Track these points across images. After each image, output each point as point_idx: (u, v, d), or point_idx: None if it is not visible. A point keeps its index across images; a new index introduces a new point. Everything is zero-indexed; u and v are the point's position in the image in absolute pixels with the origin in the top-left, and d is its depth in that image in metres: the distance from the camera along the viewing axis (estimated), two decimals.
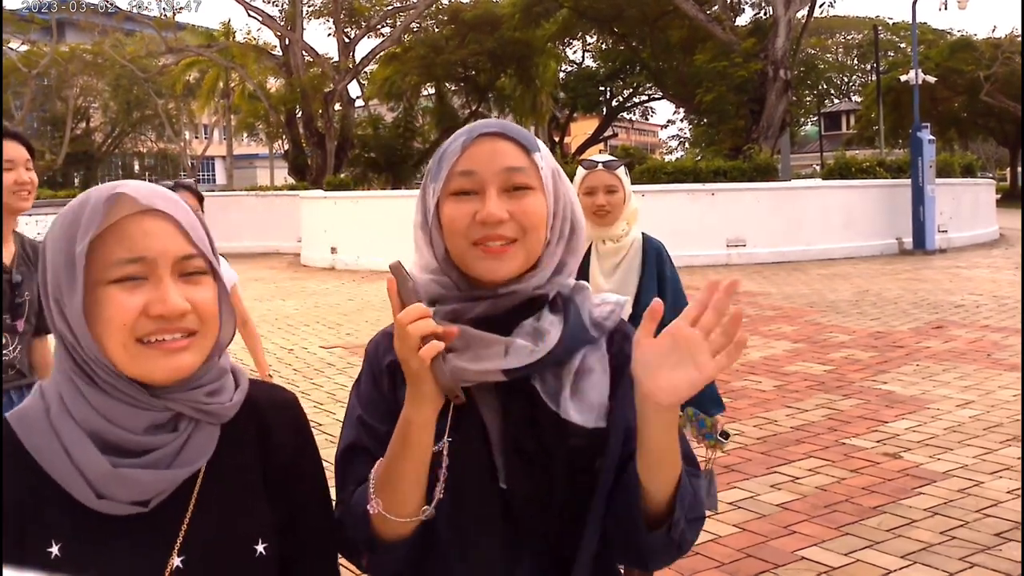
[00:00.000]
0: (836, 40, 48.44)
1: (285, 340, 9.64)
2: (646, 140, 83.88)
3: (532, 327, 1.20)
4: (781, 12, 20.10)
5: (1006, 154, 52.47)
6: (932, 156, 17.51)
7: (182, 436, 1.08)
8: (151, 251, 1.05)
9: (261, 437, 1.17)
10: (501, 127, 1.23)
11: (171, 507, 1.08)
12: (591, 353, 1.23)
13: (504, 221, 1.18)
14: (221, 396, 1.11)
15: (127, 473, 1.03)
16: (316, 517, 1.21)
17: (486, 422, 1.22)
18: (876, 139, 31.13)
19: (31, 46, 33.83)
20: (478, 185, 1.20)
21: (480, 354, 1.18)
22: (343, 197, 18.67)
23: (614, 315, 1.27)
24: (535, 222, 1.20)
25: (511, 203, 1.19)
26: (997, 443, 5.29)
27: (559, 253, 1.23)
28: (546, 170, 1.22)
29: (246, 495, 1.13)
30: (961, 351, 7.95)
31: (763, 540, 4.00)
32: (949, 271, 14.32)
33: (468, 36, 29.29)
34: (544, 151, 1.24)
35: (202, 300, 1.08)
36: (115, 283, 1.04)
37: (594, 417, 1.19)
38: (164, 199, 1.08)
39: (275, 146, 38.68)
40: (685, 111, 33.49)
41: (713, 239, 16.13)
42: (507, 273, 1.20)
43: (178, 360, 1.05)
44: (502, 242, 1.18)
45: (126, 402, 1.05)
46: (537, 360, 1.18)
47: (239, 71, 29.55)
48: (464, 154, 1.21)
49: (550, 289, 1.23)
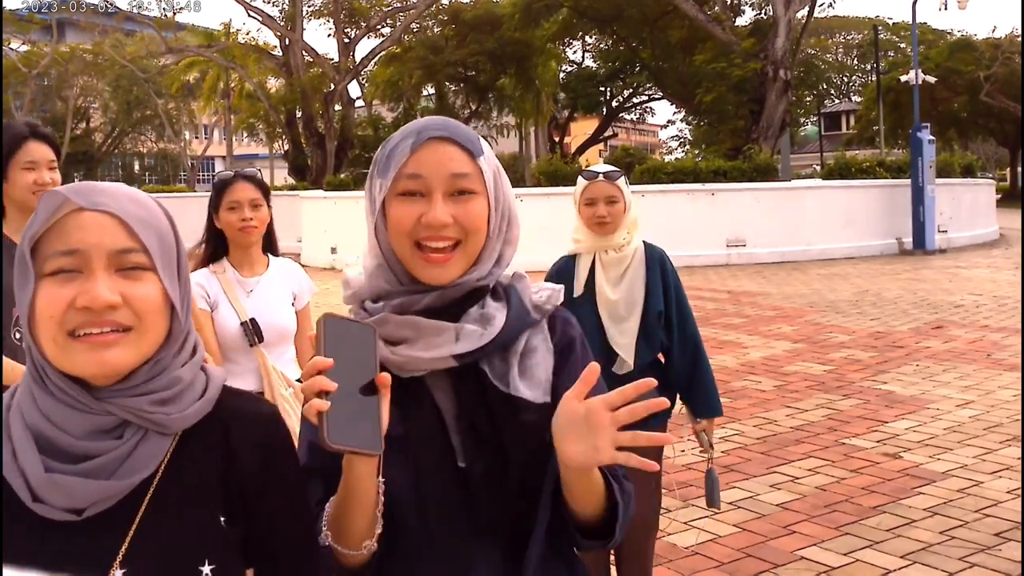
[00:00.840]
0: (836, 40, 48.44)
1: None
2: (646, 140, 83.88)
3: (479, 313, 1.27)
4: (781, 12, 20.10)
5: (1006, 154, 52.48)
6: (932, 156, 17.51)
7: (127, 444, 1.04)
8: (83, 243, 1.03)
9: (224, 450, 1.12)
10: (449, 131, 1.26)
11: (117, 515, 1.04)
12: (535, 334, 1.31)
13: (448, 225, 1.24)
14: (170, 406, 1.07)
15: (59, 479, 1.01)
16: (287, 536, 1.16)
17: (440, 406, 1.27)
18: (876, 139, 31.14)
19: (31, 46, 33.83)
20: (425, 188, 1.24)
21: (432, 342, 1.24)
22: (343, 197, 18.67)
23: (552, 299, 1.34)
24: (477, 225, 1.26)
25: (455, 207, 1.24)
26: (997, 443, 5.29)
27: (498, 247, 1.31)
28: (488, 173, 1.27)
29: (198, 512, 1.09)
30: (961, 351, 7.95)
31: (763, 540, 4.00)
32: (949, 271, 14.32)
33: (468, 36, 29.30)
34: (488, 153, 1.29)
35: (139, 296, 1.04)
36: (49, 276, 1.03)
37: (541, 392, 1.27)
38: (109, 195, 1.06)
39: (275, 146, 38.67)
40: (685, 111, 33.52)
41: (713, 239, 16.14)
42: (449, 279, 1.26)
43: (105, 355, 1.02)
44: (445, 243, 1.24)
45: (68, 404, 1.04)
46: (486, 343, 1.24)
47: (239, 71, 29.55)
48: (412, 156, 1.24)
49: (491, 280, 1.31)
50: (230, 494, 1.12)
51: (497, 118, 36.33)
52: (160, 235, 1.09)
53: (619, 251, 2.97)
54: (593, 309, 2.95)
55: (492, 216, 1.28)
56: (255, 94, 29.47)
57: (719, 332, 9.20)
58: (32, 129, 2.78)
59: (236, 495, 1.12)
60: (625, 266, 2.97)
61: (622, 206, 2.94)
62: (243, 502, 1.12)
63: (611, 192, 2.93)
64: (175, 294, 1.08)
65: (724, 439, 5.48)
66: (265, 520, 1.14)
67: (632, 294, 2.95)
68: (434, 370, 1.26)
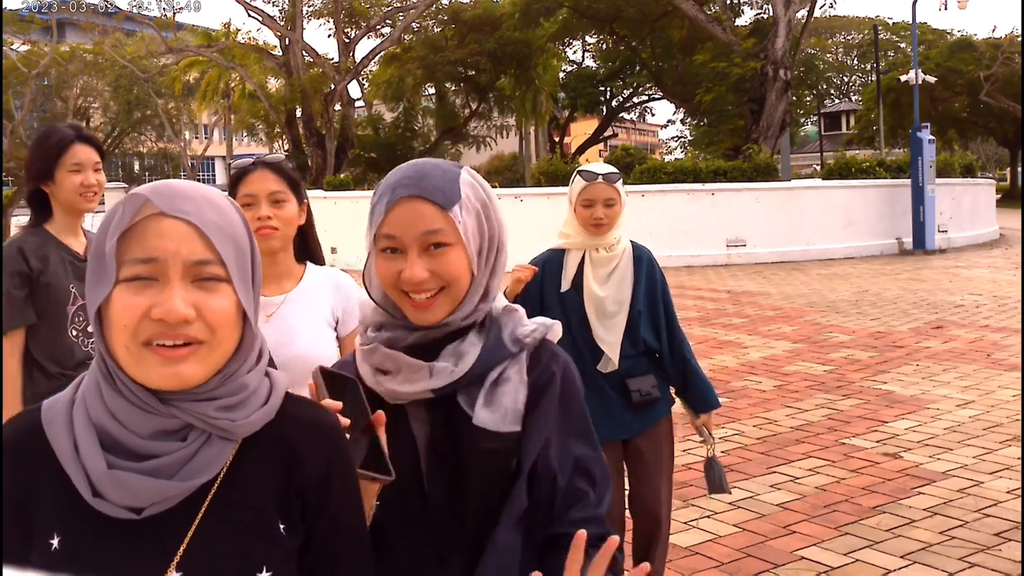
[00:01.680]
0: (836, 40, 48.47)
1: None
2: (646, 140, 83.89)
3: (454, 350, 1.34)
4: (781, 12, 20.10)
5: (1006, 154, 52.47)
6: (932, 156, 17.51)
7: (190, 447, 1.05)
8: (162, 252, 1.02)
9: (286, 459, 1.12)
10: (418, 188, 1.31)
11: (176, 518, 1.04)
12: (511, 366, 1.36)
13: (424, 280, 1.30)
14: (235, 412, 1.07)
15: (121, 476, 1.01)
16: (343, 547, 1.17)
17: (415, 434, 1.37)
18: (876, 139, 31.13)
19: (31, 46, 33.83)
20: (401, 246, 1.32)
21: (410, 377, 1.33)
22: (343, 197, 18.68)
23: (536, 334, 1.39)
24: (456, 275, 1.32)
25: (432, 261, 1.31)
26: (997, 443, 5.29)
27: (483, 282, 1.36)
28: (462, 222, 1.31)
29: (257, 519, 1.09)
30: (961, 351, 7.95)
31: (763, 540, 4.00)
32: (949, 271, 14.32)
33: (468, 36, 29.29)
34: (463, 198, 1.32)
35: (214, 309, 1.04)
36: (125, 283, 1.02)
37: (508, 421, 1.33)
38: (191, 201, 1.05)
39: (275, 146, 38.67)
40: (685, 111, 33.50)
41: (713, 239, 16.14)
42: (435, 319, 1.33)
43: (176, 369, 1.02)
44: (427, 295, 1.31)
45: (136, 404, 1.04)
46: (458, 378, 1.32)
47: (239, 71, 29.55)
48: (387, 217, 1.32)
49: (477, 316, 1.37)
50: (291, 503, 1.11)
51: (497, 118, 36.32)
52: (237, 244, 1.08)
53: (610, 250, 2.98)
54: (580, 305, 2.97)
55: (472, 260, 1.33)
56: (255, 94, 29.46)
57: (719, 332, 9.20)
58: (77, 132, 2.84)
59: (297, 504, 1.12)
60: (614, 265, 2.98)
61: (619, 208, 2.95)
62: (304, 511, 1.13)
63: (610, 194, 2.92)
64: (249, 305, 1.08)
65: (724, 439, 5.48)
66: (326, 529, 1.15)
67: (621, 292, 2.97)
68: (414, 400, 1.35)
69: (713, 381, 3.30)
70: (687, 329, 3.23)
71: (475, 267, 1.34)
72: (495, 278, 1.39)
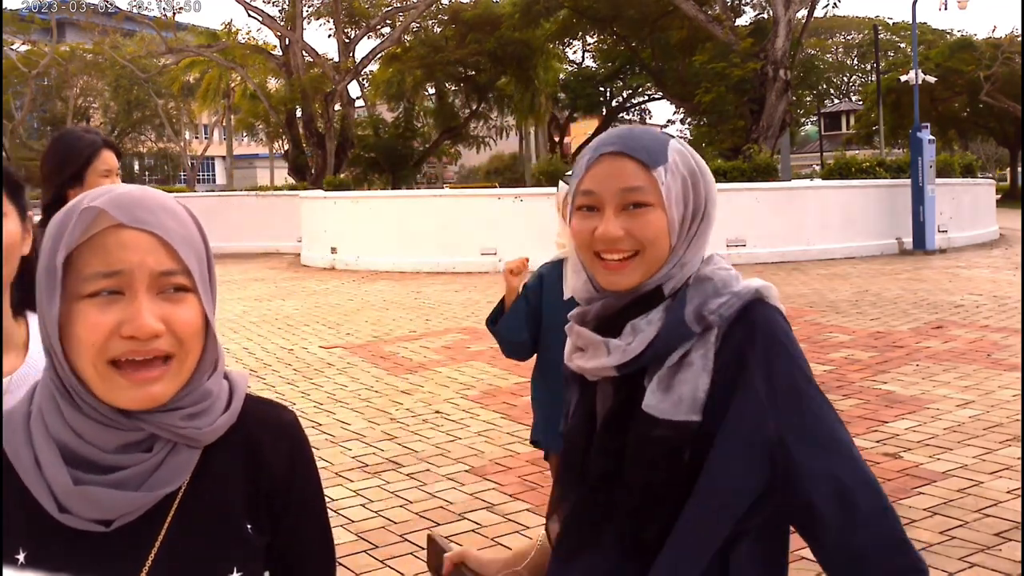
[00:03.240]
0: (836, 40, 48.47)
1: (285, 340, 9.64)
2: None
3: (632, 326, 1.27)
4: (781, 12, 20.11)
5: (1006, 154, 52.48)
6: (932, 156, 17.51)
7: (156, 457, 1.03)
8: (127, 264, 0.99)
9: (250, 460, 1.11)
10: (623, 144, 1.27)
11: (143, 528, 1.04)
12: (696, 348, 1.24)
13: (619, 238, 1.25)
14: (200, 420, 1.06)
15: (89, 491, 1.00)
16: (310, 545, 1.18)
17: (597, 410, 1.32)
18: (876, 139, 31.13)
19: (31, 46, 33.83)
20: (598, 203, 1.27)
21: (592, 353, 1.30)
22: (343, 197, 18.67)
23: (725, 309, 1.25)
24: (652, 237, 1.25)
25: (629, 221, 1.25)
26: (997, 443, 5.30)
27: (680, 252, 1.29)
28: (667, 185, 1.26)
29: (225, 521, 1.08)
30: (961, 351, 7.95)
31: None
32: (949, 271, 14.32)
33: (468, 36, 29.31)
34: (670, 162, 1.27)
35: (181, 320, 1.02)
36: (89, 298, 0.99)
37: (682, 410, 1.22)
38: (149, 211, 1.02)
39: (275, 146, 38.68)
40: (685, 111, 33.50)
41: (713, 239, 15.93)
42: (627, 284, 1.27)
43: (147, 391, 1.00)
44: (620, 256, 1.26)
45: (98, 420, 1.02)
46: (637, 356, 1.25)
47: (239, 71, 29.56)
48: (587, 173, 1.28)
49: (670, 284, 1.28)
50: (257, 502, 1.11)
51: (497, 118, 36.34)
52: (197, 252, 1.06)
53: None
54: None
55: (673, 226, 1.27)
56: (255, 94, 29.47)
57: None
58: (103, 138, 2.90)
59: (263, 503, 1.12)
60: None
61: None
62: (270, 509, 1.13)
63: None
64: (211, 313, 1.07)
65: None
66: (292, 525, 1.15)
67: None
68: (603, 376, 1.30)
69: None
70: None
71: (673, 234, 1.27)
72: (694, 251, 1.30)
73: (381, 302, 12.50)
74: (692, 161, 1.30)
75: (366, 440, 5.79)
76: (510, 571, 1.46)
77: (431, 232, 16.12)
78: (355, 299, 12.97)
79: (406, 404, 6.69)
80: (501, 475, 5.03)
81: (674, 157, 1.27)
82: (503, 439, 5.71)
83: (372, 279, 15.37)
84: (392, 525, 4.33)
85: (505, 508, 4.53)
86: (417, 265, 16.04)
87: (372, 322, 10.67)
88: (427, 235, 16.12)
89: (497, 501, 4.63)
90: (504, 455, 5.39)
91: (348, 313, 11.55)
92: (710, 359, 1.23)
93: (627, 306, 1.28)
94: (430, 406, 6.60)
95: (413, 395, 6.97)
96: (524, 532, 4.20)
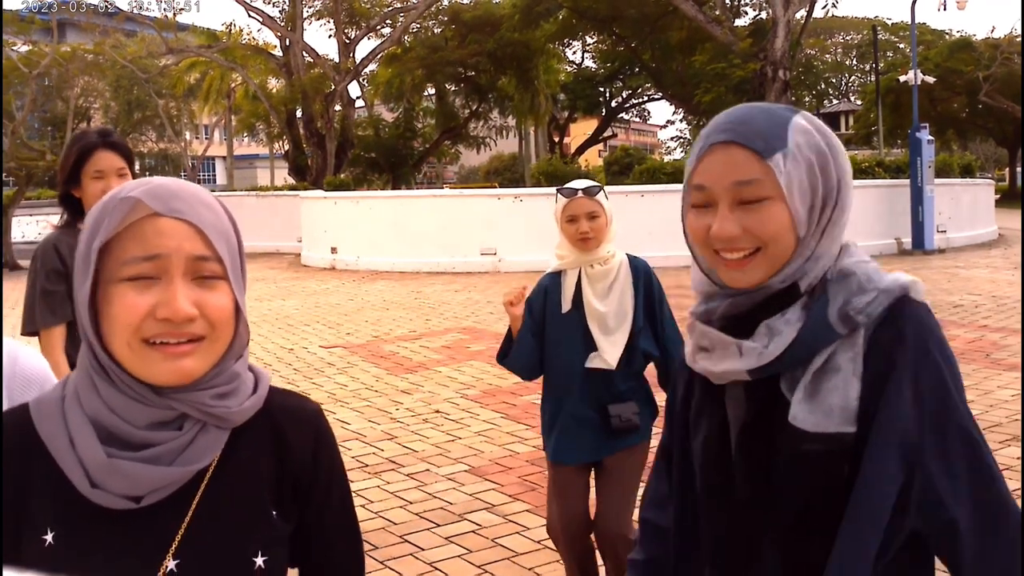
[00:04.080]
0: (835, 41, 48.49)
1: (285, 340, 9.65)
2: (645, 140, 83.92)
3: (767, 326, 1.15)
4: (780, 13, 20.12)
5: (1005, 154, 52.47)
6: (931, 156, 17.52)
7: (186, 436, 1.07)
8: (164, 248, 1.04)
9: (276, 445, 1.15)
10: (733, 131, 1.15)
11: (171, 508, 1.06)
12: (841, 351, 1.12)
13: (735, 237, 1.14)
14: (230, 400, 1.09)
15: (121, 464, 1.03)
16: (334, 532, 1.20)
17: (729, 417, 1.22)
18: (875, 139, 31.14)
19: (32, 46, 33.83)
20: (710, 199, 1.16)
21: (720, 355, 1.18)
22: (343, 197, 18.67)
23: (873, 307, 1.13)
24: (772, 233, 1.14)
25: (746, 217, 1.14)
26: (997, 443, 5.30)
27: (812, 245, 1.16)
28: (788, 173, 1.13)
29: (252, 504, 1.11)
30: (960, 351, 7.95)
31: None
32: (948, 271, 14.33)
33: (468, 36, 29.33)
34: (791, 146, 1.14)
35: (213, 306, 1.06)
36: (127, 281, 1.04)
37: (834, 421, 1.10)
38: (185, 201, 1.06)
39: (275, 146, 38.68)
40: (684, 112, 33.52)
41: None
42: (750, 282, 1.16)
43: (179, 365, 1.04)
44: (740, 254, 1.15)
45: (132, 397, 1.05)
46: (774, 360, 1.13)
47: (240, 72, 29.57)
48: (698, 166, 1.17)
49: (803, 282, 1.16)
50: (282, 488, 1.14)
51: (497, 119, 36.35)
52: (229, 242, 1.10)
53: (604, 264, 2.98)
54: (582, 323, 2.98)
55: (797, 218, 1.14)
56: (256, 94, 29.49)
57: None
58: (103, 138, 2.85)
59: (289, 489, 1.15)
60: (612, 279, 2.98)
61: (604, 220, 2.95)
62: (295, 496, 1.15)
63: (592, 208, 2.92)
64: (241, 300, 1.10)
65: None
66: (316, 513, 1.18)
67: (622, 306, 2.98)
68: (733, 380, 1.19)
69: None
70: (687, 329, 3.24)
71: (800, 226, 1.14)
72: (829, 242, 1.17)
73: (381, 302, 12.51)
74: (821, 140, 1.17)
75: (366, 440, 5.79)
76: None
77: (431, 232, 16.12)
78: (355, 299, 12.98)
79: (406, 404, 6.70)
80: (501, 475, 5.04)
81: (796, 139, 1.14)
82: (503, 439, 5.72)
83: (372, 279, 15.38)
84: (392, 526, 4.33)
85: (505, 508, 4.54)
86: (417, 265, 16.05)
87: (372, 322, 10.68)
88: (427, 235, 16.13)
89: (497, 501, 4.64)
90: (504, 455, 5.40)
91: (348, 313, 11.56)
92: (859, 363, 1.11)
93: (759, 304, 1.16)
94: (430, 406, 6.61)
95: (413, 395, 6.97)
96: (524, 533, 4.21)
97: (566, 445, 3.02)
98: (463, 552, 4.01)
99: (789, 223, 1.14)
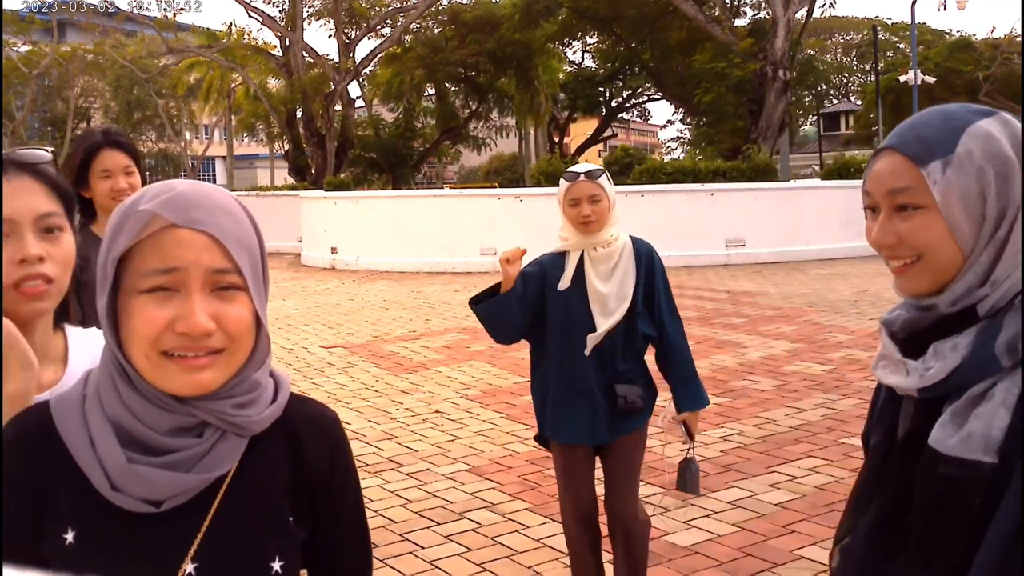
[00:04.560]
0: (835, 41, 48.51)
1: (285, 340, 9.66)
2: (645, 140, 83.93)
3: (935, 348, 1.13)
4: (780, 13, 20.13)
5: None
6: None
7: (206, 443, 1.07)
8: (182, 261, 1.03)
9: (293, 453, 1.15)
10: (897, 137, 1.16)
11: (190, 512, 1.07)
12: (1003, 381, 1.08)
13: (889, 245, 1.14)
14: (250, 409, 1.10)
15: (141, 470, 1.04)
16: (348, 539, 1.22)
17: (898, 428, 1.22)
18: (875, 139, 31.15)
19: (32, 46, 33.86)
20: (874, 205, 1.18)
21: (892, 369, 1.20)
22: (343, 197, 18.68)
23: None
24: (925, 245, 1.12)
25: (902, 224, 1.13)
26: None
27: (984, 262, 1.10)
28: (948, 181, 1.09)
29: (269, 510, 1.12)
30: None
31: (762, 539, 4.01)
32: None
33: (468, 36, 29.32)
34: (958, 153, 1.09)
35: (232, 318, 1.05)
36: (146, 293, 1.04)
37: (971, 448, 1.07)
38: (205, 211, 1.05)
39: (275, 146, 38.69)
40: (684, 112, 33.51)
41: (712, 239, 16.16)
42: (912, 291, 1.16)
43: (197, 378, 1.04)
44: (900, 262, 1.15)
45: (153, 403, 1.06)
46: (937, 383, 1.12)
47: (240, 72, 29.58)
48: (869, 171, 1.19)
49: (981, 304, 1.11)
50: (299, 495, 1.15)
51: (497, 119, 36.35)
52: (251, 251, 1.09)
53: (607, 247, 3.00)
54: (581, 301, 3.00)
55: (958, 231, 1.10)
56: (256, 94, 29.50)
57: (718, 332, 9.22)
58: (107, 137, 2.85)
59: (304, 496, 1.16)
60: (615, 261, 3.00)
61: (606, 203, 2.97)
62: (310, 503, 1.16)
63: (594, 191, 2.95)
64: (262, 311, 1.10)
65: (723, 439, 5.50)
66: (330, 520, 1.19)
67: (623, 288, 3.00)
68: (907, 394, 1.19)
69: (712, 381, 3.33)
70: (687, 329, 3.25)
71: (963, 239, 1.10)
72: (1009, 263, 1.10)
73: (381, 302, 12.52)
74: (1003, 148, 1.09)
75: (366, 440, 5.80)
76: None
77: (431, 232, 16.13)
78: (355, 299, 12.98)
79: (406, 403, 6.71)
80: (501, 474, 5.04)
81: (968, 145, 1.09)
82: (503, 438, 5.73)
83: (372, 279, 15.39)
84: (392, 524, 4.34)
85: (505, 507, 4.54)
86: (417, 265, 16.06)
87: (372, 322, 10.69)
88: (427, 235, 16.14)
89: (497, 500, 4.65)
90: (504, 454, 5.41)
91: (348, 313, 11.57)
92: (1014, 394, 1.06)
93: (933, 326, 1.15)
94: (430, 406, 6.62)
95: (413, 395, 6.98)
96: (524, 532, 4.22)
97: (564, 423, 3.04)
98: (463, 550, 4.02)
99: (946, 234, 1.10)
